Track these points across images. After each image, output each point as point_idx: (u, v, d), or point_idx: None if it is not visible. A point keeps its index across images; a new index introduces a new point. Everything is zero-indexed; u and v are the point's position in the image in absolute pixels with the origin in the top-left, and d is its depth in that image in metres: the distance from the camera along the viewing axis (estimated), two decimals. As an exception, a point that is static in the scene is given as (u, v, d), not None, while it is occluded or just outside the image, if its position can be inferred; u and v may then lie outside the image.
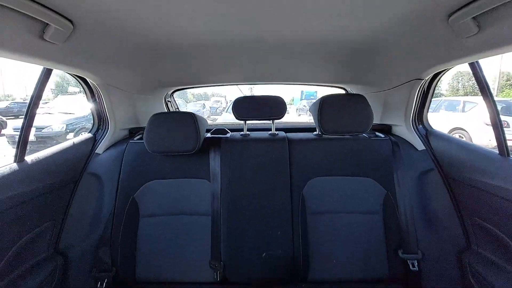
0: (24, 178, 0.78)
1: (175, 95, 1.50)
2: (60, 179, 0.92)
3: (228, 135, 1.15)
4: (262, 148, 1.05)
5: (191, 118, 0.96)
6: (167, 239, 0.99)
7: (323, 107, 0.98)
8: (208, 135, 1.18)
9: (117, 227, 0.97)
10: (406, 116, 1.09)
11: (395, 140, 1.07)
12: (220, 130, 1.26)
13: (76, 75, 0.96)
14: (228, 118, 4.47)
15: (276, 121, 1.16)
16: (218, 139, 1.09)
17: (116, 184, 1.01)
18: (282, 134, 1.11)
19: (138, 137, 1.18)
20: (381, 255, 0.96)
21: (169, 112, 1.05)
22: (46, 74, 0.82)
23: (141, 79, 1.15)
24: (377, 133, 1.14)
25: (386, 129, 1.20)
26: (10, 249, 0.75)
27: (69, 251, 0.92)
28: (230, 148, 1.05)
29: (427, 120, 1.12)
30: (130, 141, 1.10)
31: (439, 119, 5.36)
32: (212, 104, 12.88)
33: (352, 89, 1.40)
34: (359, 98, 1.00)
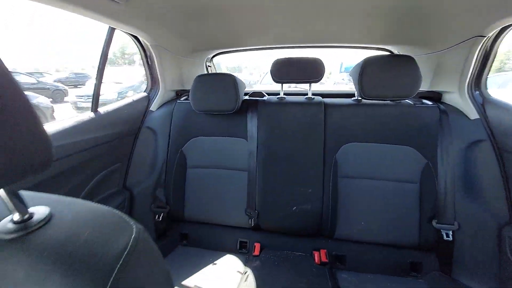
0: (98, 125, 0.95)
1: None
2: (125, 129, 1.09)
3: (264, 98, 1.20)
4: (297, 111, 1.07)
5: (232, 80, 1.02)
6: (209, 187, 1.13)
7: (365, 68, 0.95)
8: (246, 97, 1.24)
9: (169, 174, 1.14)
10: (461, 81, 0.99)
11: (444, 108, 1.00)
12: (257, 94, 1.30)
13: (132, 35, 1.07)
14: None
15: (313, 89, 1.15)
16: (255, 101, 1.15)
17: (167, 138, 1.16)
18: (318, 98, 1.12)
19: (184, 97, 1.29)
20: (413, 222, 0.97)
21: (212, 74, 1.12)
22: (110, 34, 0.94)
23: (186, 42, 1.23)
24: (424, 101, 1.08)
25: (436, 97, 1.11)
26: (91, 181, 0.95)
27: (134, 189, 1.12)
28: (266, 110, 1.10)
29: (485, 86, 1.01)
30: (178, 101, 1.22)
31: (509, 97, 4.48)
32: (246, 77, 12.82)
33: (400, 51, 1.29)
34: (407, 59, 0.93)
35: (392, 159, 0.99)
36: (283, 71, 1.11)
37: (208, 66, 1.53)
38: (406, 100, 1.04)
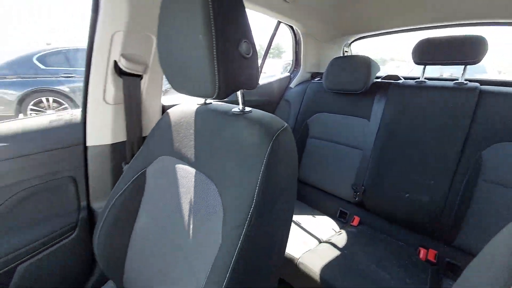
0: (257, 92, 1.34)
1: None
2: (272, 99, 1.46)
3: (399, 81, 1.17)
4: (439, 97, 0.98)
5: (366, 62, 1.10)
6: (323, 157, 1.29)
7: None
8: (379, 80, 1.26)
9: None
10: None
11: None
12: (393, 77, 1.28)
13: (289, 26, 1.38)
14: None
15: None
16: (387, 83, 1.15)
17: (298, 110, 1.42)
18: (474, 84, 0.96)
19: (317, 79, 1.50)
20: None
21: (347, 56, 1.24)
22: (276, 27, 1.28)
23: (330, 28, 1.40)
24: None
25: None
26: None
27: None
28: (398, 93, 1.09)
29: None
30: (312, 81, 1.45)
31: None
32: (392, 70, 11.21)
33: None
34: None
35: None
36: (429, 51, 1.02)
37: (346, 51, 1.64)
38: None
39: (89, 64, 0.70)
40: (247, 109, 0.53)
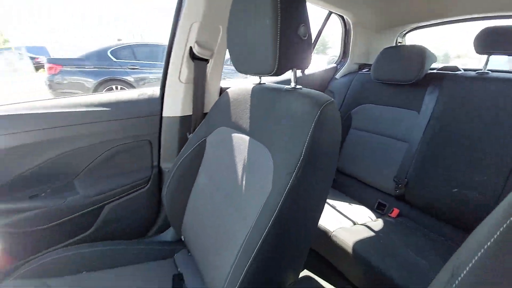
0: (303, 81, 1.40)
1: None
2: (314, 89, 1.51)
3: (457, 72, 1.11)
4: (502, 91, 0.92)
5: (419, 51, 1.07)
6: (366, 149, 1.29)
7: None
8: (434, 71, 1.21)
9: None
10: None
11: None
12: (451, 68, 1.21)
13: (339, 15, 1.40)
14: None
15: None
16: (442, 75, 1.10)
17: (341, 101, 1.44)
18: None
19: (365, 70, 1.49)
20: None
21: (400, 45, 1.22)
22: (326, 18, 1.32)
23: (383, 17, 1.38)
24: None
25: None
26: None
27: None
28: (455, 84, 1.04)
29: None
30: (359, 72, 1.45)
31: None
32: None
33: None
34: None
35: None
36: (495, 39, 0.96)
37: (399, 42, 1.58)
38: None
39: (170, 49, 0.87)
40: (299, 86, 0.61)
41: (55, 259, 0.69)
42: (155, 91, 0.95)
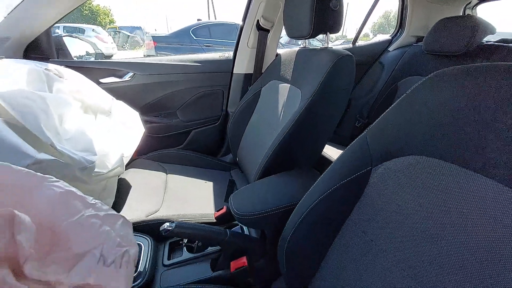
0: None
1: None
2: (362, 59, 1.61)
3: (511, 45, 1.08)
4: None
5: (473, 21, 1.08)
6: None
7: None
8: (490, 42, 1.18)
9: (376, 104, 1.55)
10: None
11: None
12: (509, 41, 1.16)
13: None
14: None
15: None
16: (496, 47, 1.09)
17: (390, 73, 1.52)
18: None
19: (420, 43, 1.50)
20: None
21: (455, 16, 1.21)
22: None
23: None
24: None
25: None
26: None
27: None
28: (505, 58, 1.04)
29: None
30: (413, 44, 1.48)
31: None
32: None
33: None
34: None
35: None
36: None
37: (467, 15, 1.50)
38: None
39: (243, 22, 1.20)
40: (330, 46, 0.86)
41: (164, 154, 1.17)
42: (230, 54, 1.32)
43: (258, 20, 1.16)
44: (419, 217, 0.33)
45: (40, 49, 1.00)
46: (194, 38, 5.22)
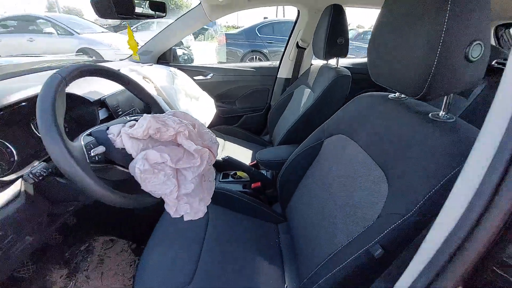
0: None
1: None
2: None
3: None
4: None
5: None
6: None
7: None
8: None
9: None
10: None
11: None
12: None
13: None
14: None
15: None
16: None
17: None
18: None
19: None
20: None
21: None
22: None
23: None
24: None
25: None
26: None
27: None
28: None
29: None
30: None
31: None
32: None
33: None
34: None
35: None
36: None
37: (501, 36, 1.59)
38: None
39: (287, 42, 1.70)
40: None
41: (225, 128, 1.79)
42: (277, 63, 1.85)
43: (297, 41, 1.64)
44: (334, 170, 0.68)
45: (165, 57, 1.73)
46: (259, 35, 5.84)
